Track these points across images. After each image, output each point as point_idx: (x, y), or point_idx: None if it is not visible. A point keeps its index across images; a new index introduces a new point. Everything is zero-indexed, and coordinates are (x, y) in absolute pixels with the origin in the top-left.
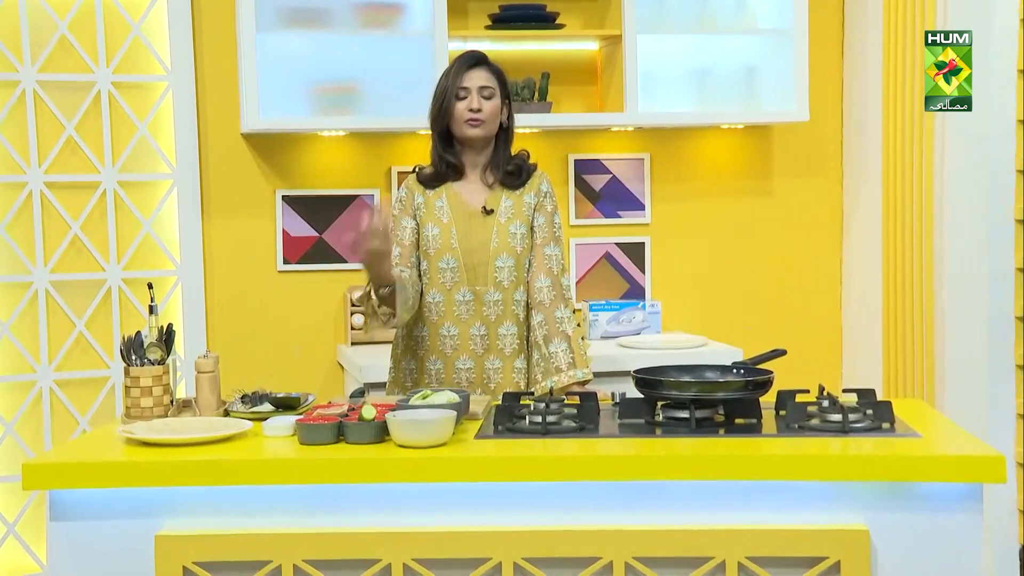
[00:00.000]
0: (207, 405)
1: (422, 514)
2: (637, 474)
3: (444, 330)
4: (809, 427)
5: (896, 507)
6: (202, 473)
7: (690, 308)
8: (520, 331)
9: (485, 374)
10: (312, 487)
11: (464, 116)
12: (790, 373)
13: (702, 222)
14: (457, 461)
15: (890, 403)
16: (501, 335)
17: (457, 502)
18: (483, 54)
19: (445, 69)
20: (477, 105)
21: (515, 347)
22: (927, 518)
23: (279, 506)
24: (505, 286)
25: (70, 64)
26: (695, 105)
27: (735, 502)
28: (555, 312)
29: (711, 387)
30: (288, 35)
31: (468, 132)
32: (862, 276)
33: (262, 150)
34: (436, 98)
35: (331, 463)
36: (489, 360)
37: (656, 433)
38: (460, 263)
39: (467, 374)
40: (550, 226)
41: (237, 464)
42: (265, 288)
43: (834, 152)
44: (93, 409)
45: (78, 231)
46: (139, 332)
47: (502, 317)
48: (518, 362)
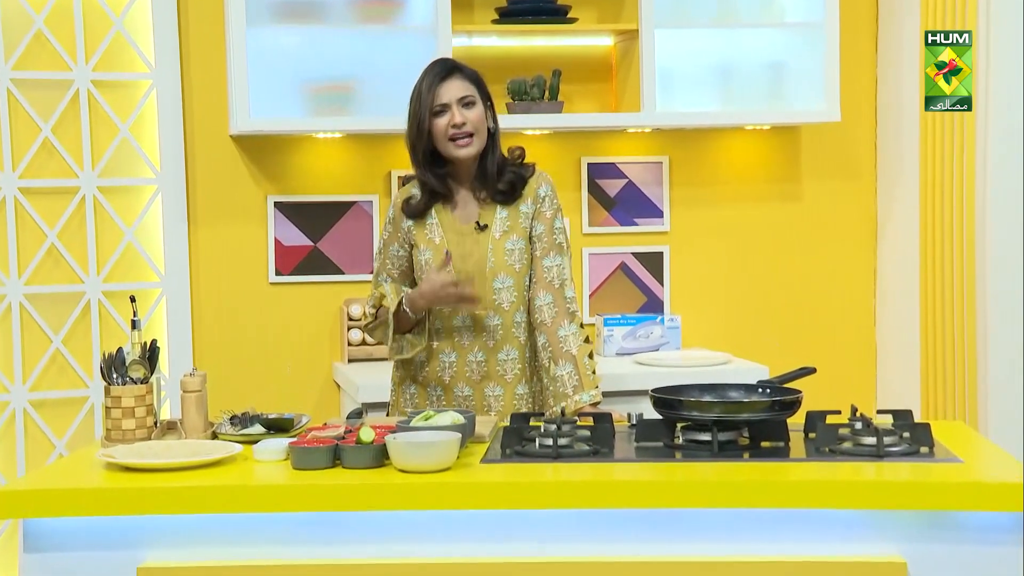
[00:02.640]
0: (193, 427)
1: (424, 544)
2: (655, 501)
3: (444, 356)
4: (841, 451)
5: (935, 538)
6: (188, 500)
7: (712, 323)
8: (522, 355)
9: (485, 401)
10: (306, 515)
11: (447, 133)
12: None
13: (725, 230)
14: (462, 487)
15: (929, 425)
16: (501, 360)
17: (462, 531)
18: (452, 60)
19: (415, 85)
20: (460, 119)
21: (516, 372)
22: (969, 550)
23: (271, 536)
24: (505, 308)
25: (46, 61)
26: (717, 104)
27: (761, 532)
28: (558, 331)
29: (735, 408)
30: (280, 30)
31: (457, 152)
32: (898, 288)
33: (253, 153)
34: (411, 118)
35: (327, 489)
36: (488, 387)
37: (675, 457)
38: None
39: (466, 402)
40: (550, 234)
41: (225, 490)
42: (256, 301)
43: (867, 154)
44: (70, 432)
45: (55, 240)
46: (120, 349)
47: (501, 342)
48: (520, 388)
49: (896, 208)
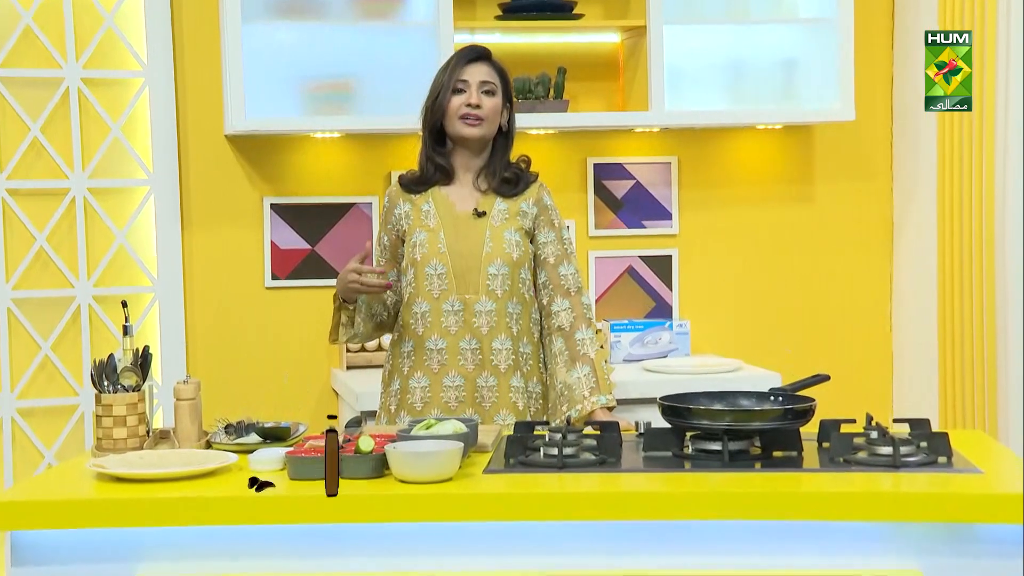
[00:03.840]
0: (187, 436)
1: (425, 557)
2: (664, 513)
3: (431, 343)
4: (856, 461)
5: (954, 551)
6: (181, 512)
7: (723, 328)
8: (515, 346)
9: (477, 392)
10: (304, 527)
11: (460, 111)
12: (834, 401)
13: (736, 233)
14: (464, 498)
15: (947, 435)
16: (496, 349)
17: (464, 543)
18: (487, 49)
19: (444, 63)
20: (476, 100)
21: (511, 363)
22: (988, 563)
23: (267, 549)
24: (499, 295)
25: (35, 58)
26: (728, 103)
27: (773, 544)
28: (575, 334)
29: (746, 416)
30: (277, 26)
31: (463, 130)
32: (915, 292)
33: (248, 153)
34: (431, 91)
35: (324, 500)
36: (482, 377)
37: (685, 467)
38: (449, 269)
39: (456, 392)
40: (560, 242)
41: (220, 502)
42: (251, 306)
43: (883, 154)
44: (60, 441)
45: (44, 243)
46: (112, 355)
47: (496, 330)
48: (515, 380)
49: (913, 210)
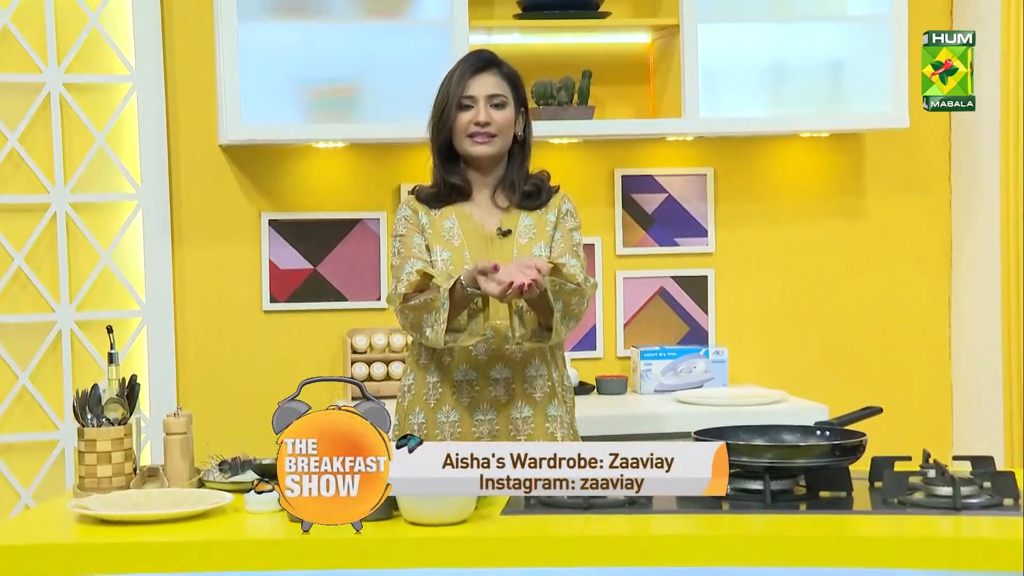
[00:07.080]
0: (177, 474)
1: None
2: (700, 559)
3: (459, 375)
4: (912, 503)
5: None
6: (171, 557)
7: (764, 356)
8: (550, 372)
9: (512, 425)
10: (305, 574)
11: (467, 130)
12: (887, 436)
13: (778, 251)
14: (480, 542)
15: (1013, 474)
16: (530, 377)
17: None
18: (492, 54)
19: (448, 72)
20: (484, 117)
21: (547, 391)
22: None
23: None
24: None
25: (14, 62)
26: (769, 109)
27: None
28: None
29: (790, 453)
30: (276, 26)
31: (472, 149)
32: (976, 316)
33: (245, 165)
34: (436, 107)
35: (329, 544)
36: (516, 408)
37: (722, 508)
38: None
39: (489, 426)
40: (568, 240)
41: (214, 546)
42: (248, 332)
43: (940, 165)
44: (38, 479)
45: (22, 263)
46: (96, 386)
47: (530, 355)
48: (552, 409)
49: (973, 225)
